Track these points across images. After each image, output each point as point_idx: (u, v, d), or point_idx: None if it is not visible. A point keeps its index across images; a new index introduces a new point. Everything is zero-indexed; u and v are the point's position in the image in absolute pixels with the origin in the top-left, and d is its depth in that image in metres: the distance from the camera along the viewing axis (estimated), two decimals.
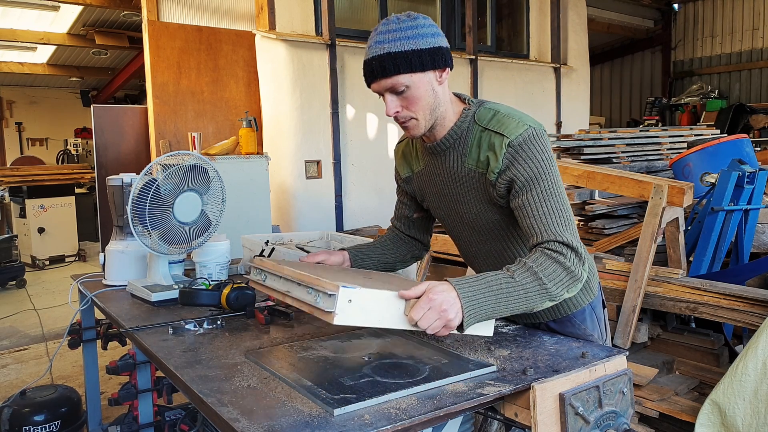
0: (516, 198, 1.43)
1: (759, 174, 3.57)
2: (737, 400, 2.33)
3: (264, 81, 5.12)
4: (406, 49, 1.39)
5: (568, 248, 1.38)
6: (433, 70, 1.43)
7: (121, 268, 2.31)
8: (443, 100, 1.49)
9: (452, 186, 1.57)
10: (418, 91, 1.43)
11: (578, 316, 1.63)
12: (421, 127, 1.48)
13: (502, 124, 1.44)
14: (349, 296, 1.22)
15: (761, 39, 9.94)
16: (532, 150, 1.41)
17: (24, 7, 7.71)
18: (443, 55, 1.43)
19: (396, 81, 1.41)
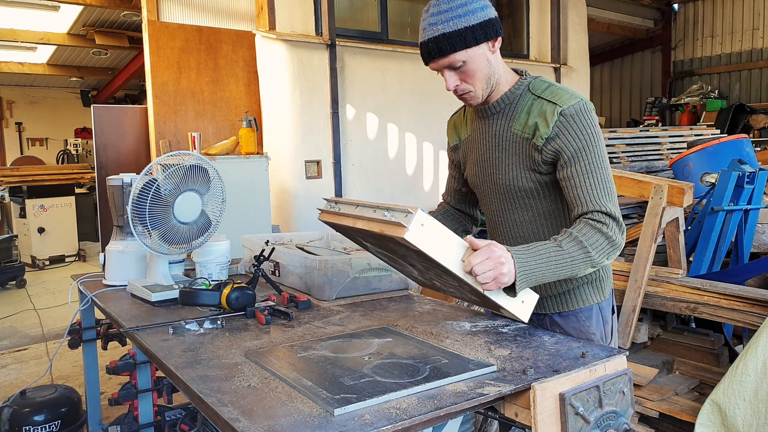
0: (563, 169, 1.50)
1: (759, 174, 3.57)
2: (737, 400, 2.33)
3: (264, 81, 5.12)
4: (459, 28, 1.46)
5: (610, 218, 1.46)
6: (486, 42, 1.50)
7: (121, 268, 2.31)
8: (497, 67, 1.55)
9: (494, 149, 1.63)
10: (474, 64, 1.50)
11: (584, 312, 1.66)
12: (478, 96, 1.56)
13: (556, 94, 1.51)
14: (424, 220, 1.28)
15: (761, 39, 9.94)
16: (583, 122, 1.47)
17: (24, 7, 7.71)
18: (494, 25, 1.50)
19: (453, 58, 1.49)
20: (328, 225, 1.62)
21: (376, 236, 1.42)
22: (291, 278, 2.23)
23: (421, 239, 1.28)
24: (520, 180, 1.58)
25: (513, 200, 1.63)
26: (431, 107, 5.92)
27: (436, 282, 1.58)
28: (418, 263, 1.48)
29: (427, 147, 5.93)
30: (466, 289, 1.43)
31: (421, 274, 1.61)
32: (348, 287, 2.07)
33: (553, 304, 1.67)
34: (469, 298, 1.55)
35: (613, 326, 1.72)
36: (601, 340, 1.67)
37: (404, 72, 5.70)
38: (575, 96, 1.50)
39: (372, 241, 1.54)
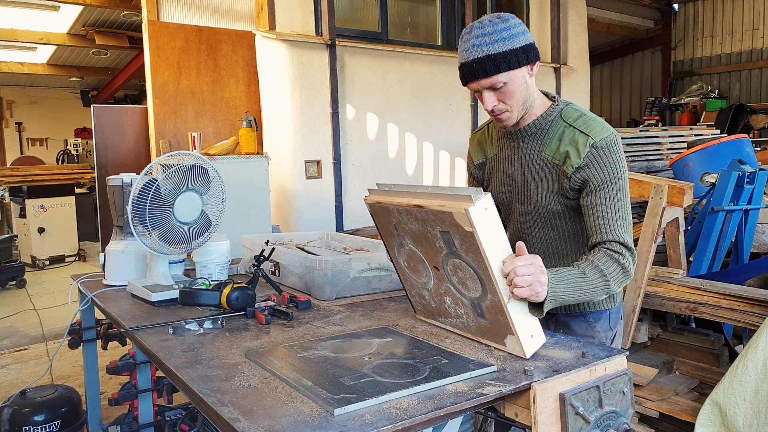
0: (588, 197, 1.58)
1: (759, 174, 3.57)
2: (738, 400, 2.33)
3: (264, 81, 5.12)
4: (503, 50, 1.53)
5: (626, 249, 1.55)
6: (527, 65, 1.57)
7: (121, 268, 2.31)
8: (532, 90, 1.62)
9: (523, 171, 1.70)
10: (514, 86, 1.57)
11: (594, 315, 1.74)
12: (514, 117, 1.63)
13: (588, 125, 1.59)
14: (488, 205, 1.32)
15: (761, 39, 9.93)
16: (611, 155, 1.56)
17: (24, 7, 7.71)
18: (534, 50, 1.58)
19: (495, 80, 1.55)
20: (372, 210, 1.65)
21: (427, 217, 1.42)
22: (291, 278, 2.23)
23: (480, 221, 1.30)
24: (548, 202, 1.65)
25: (539, 220, 1.70)
26: (431, 107, 5.92)
27: (447, 299, 1.56)
28: (446, 265, 1.47)
29: (427, 147, 5.93)
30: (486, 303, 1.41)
31: (434, 288, 1.59)
32: (348, 287, 2.07)
33: (563, 306, 1.72)
34: (470, 326, 1.53)
35: (617, 332, 1.79)
36: (606, 341, 1.75)
37: (404, 72, 5.70)
38: (606, 129, 1.58)
39: (413, 228, 1.50)
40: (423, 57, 5.83)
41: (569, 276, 1.46)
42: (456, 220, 1.33)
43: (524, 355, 1.39)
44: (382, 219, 1.64)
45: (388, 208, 1.56)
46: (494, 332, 1.45)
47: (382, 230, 1.68)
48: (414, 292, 1.72)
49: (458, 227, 1.34)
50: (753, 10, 9.97)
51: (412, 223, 1.50)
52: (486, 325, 1.46)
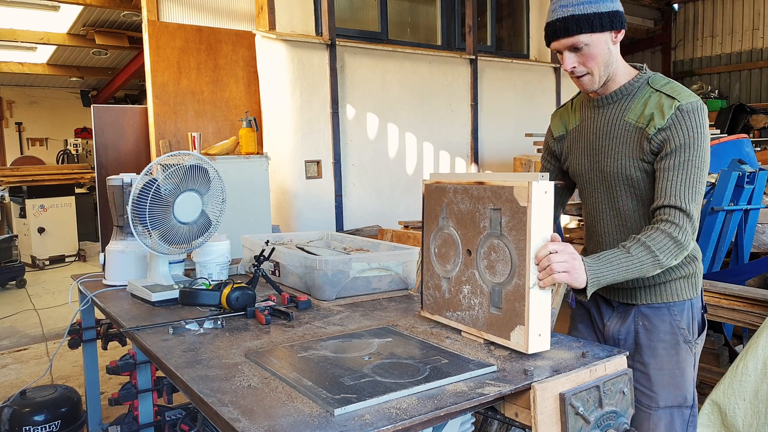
0: (663, 160, 1.55)
1: (759, 174, 3.57)
2: (737, 400, 2.33)
3: (264, 81, 5.12)
4: (588, 12, 1.54)
5: (684, 216, 1.51)
6: (611, 31, 1.57)
7: (121, 268, 2.31)
8: (615, 58, 1.61)
9: (604, 138, 1.68)
10: (595, 49, 1.57)
11: (677, 306, 1.67)
12: (595, 81, 1.62)
13: (676, 90, 1.57)
14: (548, 189, 1.38)
15: (761, 39, 9.93)
16: (695, 120, 1.53)
17: (24, 7, 7.71)
18: (620, 18, 1.57)
19: (577, 39, 1.55)
20: (427, 191, 1.73)
21: (483, 194, 1.51)
22: (291, 278, 2.23)
23: (537, 199, 1.36)
24: (628, 168, 1.63)
25: (619, 188, 1.67)
26: (431, 107, 5.92)
27: (465, 288, 1.58)
28: (481, 247, 1.52)
29: (427, 147, 5.93)
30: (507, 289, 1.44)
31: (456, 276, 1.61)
32: (348, 287, 2.07)
33: (644, 294, 1.69)
34: (478, 319, 1.54)
35: (702, 323, 1.72)
36: (690, 336, 1.68)
37: (404, 72, 5.70)
38: (694, 95, 1.56)
39: (462, 208, 1.59)
40: (423, 57, 5.83)
41: (611, 257, 1.48)
42: (514, 194, 1.40)
43: (526, 350, 1.39)
44: (433, 200, 1.72)
45: (444, 188, 1.66)
46: (503, 324, 1.46)
47: (427, 213, 1.76)
48: (431, 284, 1.73)
49: (513, 202, 1.41)
50: (753, 10, 9.97)
51: (463, 203, 1.59)
52: (497, 316, 1.48)
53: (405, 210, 5.67)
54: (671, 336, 1.66)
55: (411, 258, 2.17)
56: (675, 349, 1.65)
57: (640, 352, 1.67)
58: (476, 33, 6.19)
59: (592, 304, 1.81)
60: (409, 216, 5.52)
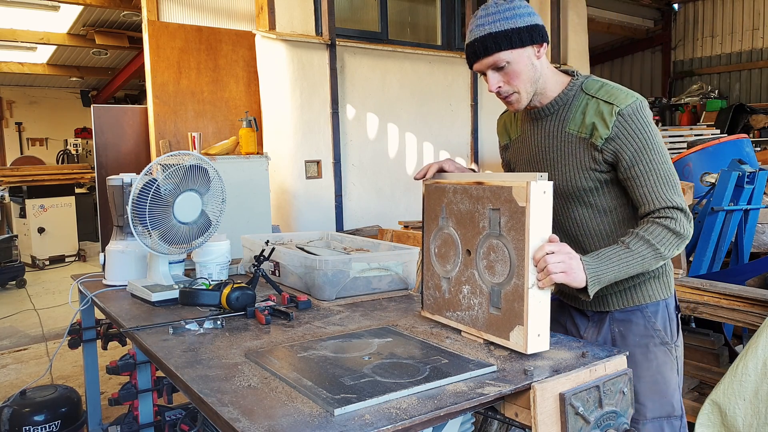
0: (626, 170, 1.52)
1: (759, 174, 3.57)
2: (737, 400, 2.33)
3: (264, 81, 5.12)
4: (505, 29, 1.50)
5: (677, 211, 1.50)
6: (532, 45, 1.53)
7: (121, 268, 2.31)
8: (543, 72, 1.57)
9: (547, 150, 1.64)
10: (518, 66, 1.52)
11: (650, 307, 1.63)
12: (522, 99, 1.58)
13: (612, 94, 1.53)
14: (547, 189, 1.38)
15: (761, 39, 9.93)
16: (640, 121, 1.50)
17: (24, 7, 7.71)
18: (540, 31, 1.53)
19: (498, 58, 1.52)
20: (427, 191, 1.73)
21: (482, 194, 1.51)
22: (291, 278, 2.23)
23: (535, 199, 1.37)
24: (579, 180, 1.59)
25: (572, 199, 1.63)
26: (431, 107, 5.91)
27: (465, 288, 1.58)
28: (480, 247, 1.52)
29: (427, 147, 5.93)
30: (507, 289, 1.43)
31: (455, 276, 1.61)
32: (348, 287, 2.07)
33: (617, 300, 1.65)
34: (478, 320, 1.54)
35: (678, 324, 1.69)
36: (667, 337, 1.63)
37: (404, 72, 5.70)
38: (631, 95, 1.52)
39: (462, 208, 1.59)
40: (423, 57, 5.83)
41: (610, 254, 1.46)
42: (513, 194, 1.41)
43: (525, 350, 1.39)
44: (433, 200, 1.73)
45: (444, 188, 1.66)
46: (502, 324, 1.46)
47: (427, 213, 1.76)
48: (431, 283, 1.73)
49: (512, 203, 1.41)
50: (753, 10, 9.97)
51: (463, 203, 1.59)
52: (496, 316, 1.48)
53: (405, 210, 5.67)
54: (647, 339, 1.62)
55: (411, 258, 2.17)
56: (653, 353, 1.61)
57: None
58: None
59: (567, 317, 1.77)
60: (409, 216, 5.52)
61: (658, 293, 1.64)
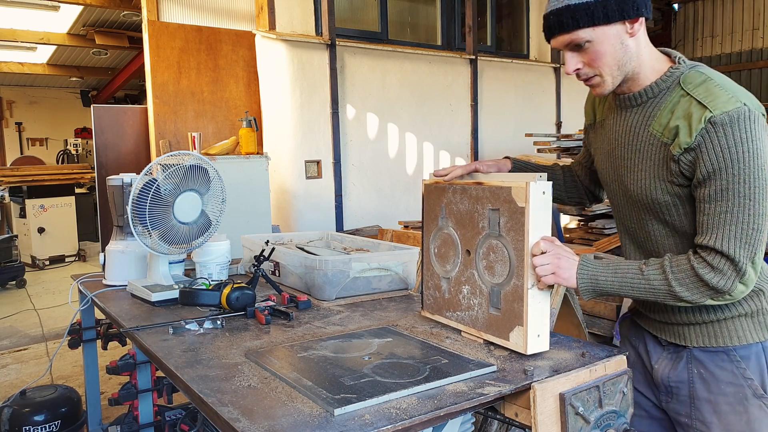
0: (698, 187, 1.24)
1: None
2: None
3: (264, 81, 5.12)
4: (587, 0, 1.22)
5: (729, 263, 1.21)
6: (622, 21, 1.24)
7: (121, 268, 2.31)
8: (636, 53, 1.29)
9: (626, 149, 1.38)
10: (602, 46, 1.26)
11: (741, 351, 1.33)
12: (607, 84, 1.32)
13: (711, 93, 1.22)
14: (546, 189, 1.36)
15: (761, 39, 9.93)
16: (735, 134, 1.17)
17: (24, 7, 7.71)
18: (635, 2, 1.23)
19: (576, 36, 1.26)
20: (427, 191, 1.72)
21: (481, 195, 1.50)
22: (291, 278, 2.23)
23: (535, 199, 1.35)
24: (654, 191, 1.32)
25: (646, 211, 1.38)
26: (431, 107, 5.92)
27: (465, 288, 1.58)
28: (480, 247, 1.52)
29: (427, 147, 5.93)
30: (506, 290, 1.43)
31: (455, 276, 1.61)
32: (348, 287, 2.07)
33: (695, 335, 1.37)
34: (478, 320, 1.54)
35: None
36: (763, 389, 1.33)
37: (404, 72, 5.70)
38: (736, 99, 1.20)
39: (461, 208, 1.59)
40: (423, 57, 5.83)
41: (620, 266, 1.31)
42: (512, 195, 1.40)
43: (525, 351, 1.39)
44: (432, 200, 1.72)
45: (444, 188, 1.66)
46: (502, 324, 1.46)
47: (427, 213, 1.76)
48: (431, 283, 1.73)
49: (511, 203, 1.41)
50: (753, 10, 9.97)
51: (462, 203, 1.58)
52: (496, 316, 1.48)
53: (405, 210, 5.67)
54: (736, 388, 1.32)
55: (411, 258, 2.17)
56: (743, 406, 1.32)
57: (698, 408, 1.37)
58: (476, 33, 6.19)
59: (640, 341, 1.53)
60: (409, 216, 5.52)
61: (752, 334, 1.33)
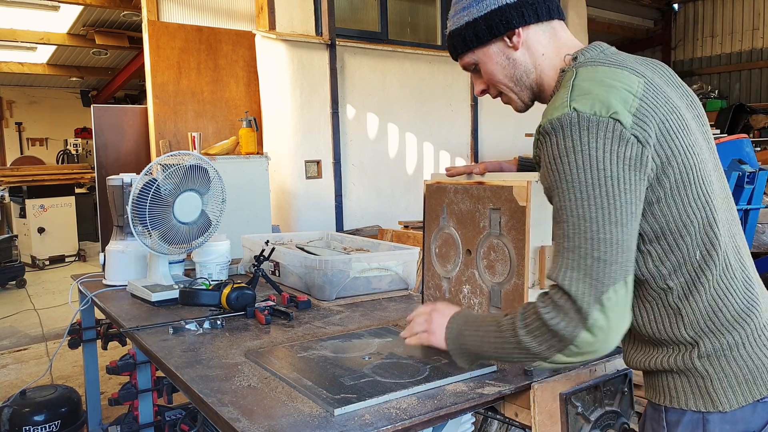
0: None
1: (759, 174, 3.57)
2: None
3: (264, 81, 5.12)
4: (460, 25, 1.17)
5: (567, 298, 0.96)
6: (500, 38, 1.15)
7: (121, 268, 2.31)
8: (533, 64, 1.16)
9: None
10: (488, 66, 1.18)
11: (671, 415, 1.07)
12: (515, 101, 1.22)
13: (557, 98, 1.04)
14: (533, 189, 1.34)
15: (761, 39, 9.93)
16: (560, 144, 0.98)
17: (24, 7, 7.71)
18: (503, 15, 1.13)
19: (463, 61, 1.22)
20: (428, 191, 1.70)
21: (482, 194, 1.50)
22: (291, 278, 2.23)
23: (535, 201, 1.35)
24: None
25: None
26: (431, 107, 5.92)
27: (465, 288, 1.58)
28: (481, 247, 1.52)
29: (427, 147, 5.93)
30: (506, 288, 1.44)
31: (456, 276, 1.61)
32: (348, 287, 2.07)
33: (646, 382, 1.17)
34: None
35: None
36: None
37: (404, 72, 5.70)
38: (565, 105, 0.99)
39: (462, 208, 1.59)
40: (423, 57, 5.83)
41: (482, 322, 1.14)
42: (513, 194, 1.40)
43: None
44: (434, 200, 1.73)
45: (445, 188, 1.66)
46: None
47: (428, 213, 1.77)
48: (431, 283, 1.73)
49: (512, 202, 1.41)
50: (753, 10, 9.97)
51: (463, 203, 1.59)
52: None
53: (405, 210, 5.67)
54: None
55: (411, 258, 2.17)
56: None
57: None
58: None
59: None
60: (409, 216, 5.52)
61: (686, 398, 1.05)
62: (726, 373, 1.02)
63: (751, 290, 1.05)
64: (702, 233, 1.02)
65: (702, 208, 1.02)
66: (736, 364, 1.02)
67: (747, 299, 1.04)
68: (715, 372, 1.03)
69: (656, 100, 1.02)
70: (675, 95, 1.09)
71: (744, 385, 1.02)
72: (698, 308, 1.03)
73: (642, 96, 1.00)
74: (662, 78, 1.13)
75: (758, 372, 1.02)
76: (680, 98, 1.12)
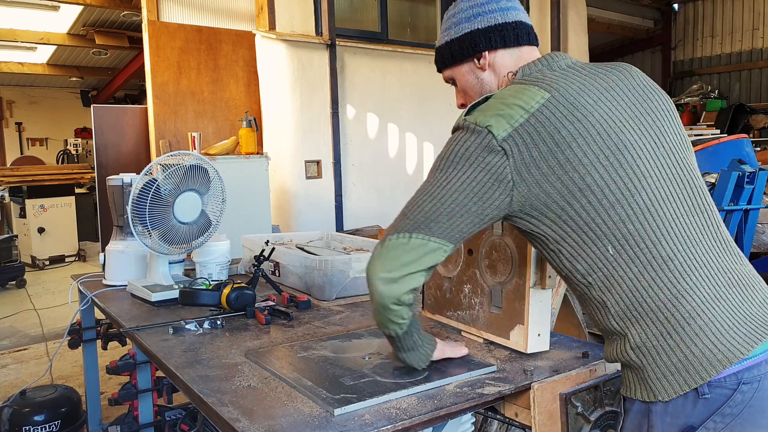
0: None
1: (759, 174, 3.57)
2: None
3: (264, 81, 5.12)
4: (442, 43, 1.33)
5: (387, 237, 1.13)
6: (469, 59, 1.29)
7: (121, 268, 2.31)
8: (496, 84, 1.29)
9: None
10: (462, 83, 1.33)
11: (627, 404, 1.12)
12: None
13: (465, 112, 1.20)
14: None
15: (761, 39, 9.93)
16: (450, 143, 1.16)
17: (24, 7, 7.71)
18: (473, 39, 1.27)
19: (444, 76, 1.37)
20: None
21: None
22: (291, 278, 2.23)
23: None
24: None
25: None
26: (431, 107, 5.92)
27: (466, 287, 1.58)
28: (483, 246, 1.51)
29: (427, 147, 5.93)
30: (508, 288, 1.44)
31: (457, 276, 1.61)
32: (348, 287, 2.07)
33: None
34: (478, 319, 1.54)
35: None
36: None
37: (404, 72, 5.70)
38: (461, 116, 1.18)
39: None
40: (423, 57, 5.83)
41: None
42: None
43: (525, 350, 1.39)
44: None
45: None
46: (503, 323, 1.46)
47: None
48: (432, 283, 1.73)
49: None
50: (753, 10, 9.97)
51: None
52: (497, 315, 1.48)
53: None
54: None
55: None
56: None
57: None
58: None
59: None
60: None
61: (633, 387, 1.09)
62: (657, 363, 1.05)
63: (680, 281, 1.05)
64: (615, 230, 1.06)
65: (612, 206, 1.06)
66: (666, 354, 1.04)
67: (672, 290, 1.05)
68: (648, 362, 1.06)
69: (557, 112, 1.07)
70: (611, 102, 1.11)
71: (678, 374, 1.03)
72: (621, 300, 1.08)
73: (537, 110, 1.07)
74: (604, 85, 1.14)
75: (688, 361, 1.03)
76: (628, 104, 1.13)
